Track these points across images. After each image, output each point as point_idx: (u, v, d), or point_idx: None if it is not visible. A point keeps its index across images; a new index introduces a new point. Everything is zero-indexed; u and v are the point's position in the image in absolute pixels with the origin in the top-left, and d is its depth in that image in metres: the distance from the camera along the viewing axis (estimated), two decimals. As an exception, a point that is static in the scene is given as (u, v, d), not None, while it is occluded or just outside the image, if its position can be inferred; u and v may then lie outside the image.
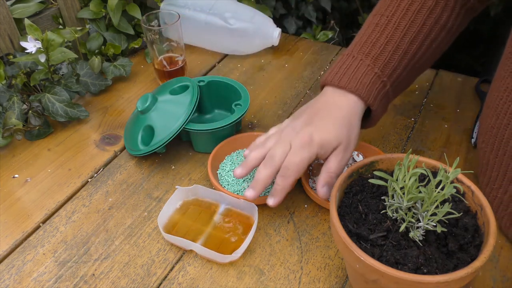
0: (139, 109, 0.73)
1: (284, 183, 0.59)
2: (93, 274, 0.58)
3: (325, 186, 0.60)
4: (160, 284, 0.57)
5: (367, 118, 0.66)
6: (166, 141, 0.69)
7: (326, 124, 0.60)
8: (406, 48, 0.63)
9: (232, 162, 0.70)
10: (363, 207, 0.51)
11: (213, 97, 0.81)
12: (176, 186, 0.65)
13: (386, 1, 0.65)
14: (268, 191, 0.66)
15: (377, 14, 0.65)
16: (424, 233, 0.47)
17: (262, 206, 0.65)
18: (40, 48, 0.76)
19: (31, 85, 0.81)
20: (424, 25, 0.63)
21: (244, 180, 0.67)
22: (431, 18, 0.63)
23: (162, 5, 0.99)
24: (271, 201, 0.60)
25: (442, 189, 0.45)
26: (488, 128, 0.60)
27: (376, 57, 0.62)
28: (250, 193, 0.60)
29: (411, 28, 0.63)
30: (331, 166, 0.60)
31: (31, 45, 0.76)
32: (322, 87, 0.65)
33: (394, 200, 0.48)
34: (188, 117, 0.70)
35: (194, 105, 0.71)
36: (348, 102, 0.61)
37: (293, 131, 0.60)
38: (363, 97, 0.61)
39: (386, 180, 0.48)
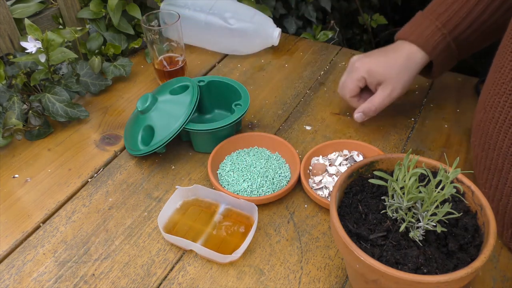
0: (139, 109, 0.73)
1: (349, 98, 0.76)
2: (93, 274, 0.58)
3: (360, 113, 0.73)
4: (160, 284, 0.57)
5: (432, 68, 0.73)
6: (166, 141, 0.69)
7: (382, 58, 0.71)
8: (473, 7, 0.67)
9: (232, 162, 0.70)
10: (363, 207, 0.51)
11: (213, 97, 0.81)
12: (176, 186, 0.65)
13: None
14: (268, 192, 0.66)
15: None
16: (424, 233, 0.47)
17: (262, 206, 0.65)
18: (40, 48, 0.76)
19: (31, 85, 0.81)
20: None
21: (244, 180, 0.67)
22: None
23: (162, 5, 0.99)
24: (357, 115, 0.75)
25: (442, 189, 0.45)
26: (477, 122, 0.61)
27: (440, 13, 0.69)
28: (357, 115, 0.75)
29: None
30: (375, 100, 0.71)
31: (31, 45, 0.76)
32: (395, 40, 0.75)
33: (394, 200, 0.48)
34: (188, 117, 0.70)
35: (194, 105, 0.71)
36: (408, 49, 0.70)
37: (355, 60, 0.74)
38: (422, 46, 0.69)
39: (386, 180, 0.48)
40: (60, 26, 0.93)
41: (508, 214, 0.57)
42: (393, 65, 0.70)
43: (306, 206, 0.66)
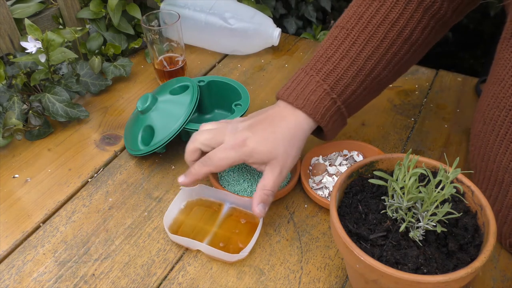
0: (139, 109, 0.73)
1: (198, 170, 0.60)
2: (93, 274, 0.58)
3: (260, 204, 0.58)
4: (160, 284, 0.57)
5: (323, 132, 0.64)
6: (166, 141, 0.69)
7: (265, 135, 0.59)
8: (363, 64, 0.60)
9: (232, 162, 0.70)
10: (363, 207, 0.51)
11: (213, 97, 0.81)
12: (180, 187, 0.65)
13: (349, 12, 0.62)
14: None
15: (338, 26, 0.63)
16: (424, 233, 0.47)
17: (262, 206, 0.65)
18: (40, 48, 0.76)
19: (31, 85, 0.81)
20: (384, 38, 0.59)
21: (244, 180, 0.67)
22: (392, 31, 0.59)
23: (162, 5, 0.99)
24: (180, 179, 0.61)
25: (442, 189, 0.45)
26: (476, 133, 0.61)
27: (327, 73, 0.60)
28: (181, 179, 0.62)
29: (370, 43, 0.59)
30: (266, 183, 0.58)
31: (31, 45, 0.76)
32: (277, 100, 0.64)
33: (394, 200, 0.48)
34: (188, 117, 0.70)
35: (194, 105, 0.71)
36: (295, 118, 0.60)
37: (233, 130, 0.60)
38: (310, 114, 0.60)
39: (386, 180, 0.48)
40: (60, 26, 0.93)
41: (507, 224, 0.57)
42: (279, 141, 0.58)
43: (306, 206, 0.66)
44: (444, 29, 0.64)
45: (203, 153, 0.62)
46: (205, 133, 0.61)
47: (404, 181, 0.46)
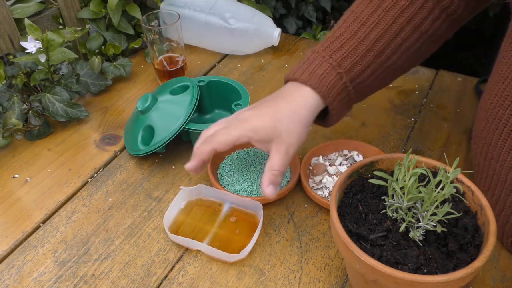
0: (139, 109, 0.73)
1: (202, 149, 0.58)
2: (93, 274, 0.58)
3: (270, 186, 0.56)
4: (160, 284, 0.57)
5: (327, 116, 0.63)
6: (166, 141, 0.69)
7: (268, 111, 0.58)
8: (371, 45, 0.59)
9: (232, 162, 0.70)
10: (363, 207, 0.51)
11: (213, 97, 0.81)
12: (180, 187, 0.65)
13: None
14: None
15: (349, 11, 0.63)
16: (424, 233, 0.47)
17: (262, 206, 0.65)
18: (40, 48, 0.76)
19: (31, 85, 0.81)
20: (393, 23, 0.59)
21: (244, 180, 0.67)
22: (402, 17, 0.59)
23: (162, 5, 0.99)
24: (186, 165, 0.59)
25: (442, 189, 0.45)
26: (479, 131, 0.61)
27: (334, 50, 0.59)
28: (187, 165, 0.60)
29: (379, 25, 0.59)
30: (273, 163, 0.56)
31: (31, 45, 0.76)
32: (285, 83, 0.63)
33: (394, 200, 0.48)
34: (188, 117, 0.70)
35: (194, 105, 0.71)
36: (301, 94, 0.58)
37: (235, 114, 0.60)
38: (315, 88, 0.58)
39: (386, 180, 0.48)
40: (60, 26, 0.93)
41: (510, 223, 0.57)
42: (282, 117, 0.57)
43: (306, 206, 0.66)
44: (455, 26, 0.64)
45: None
46: (214, 125, 0.61)
47: (404, 181, 0.46)
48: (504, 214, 0.57)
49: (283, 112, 0.57)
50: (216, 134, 0.58)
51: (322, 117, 0.63)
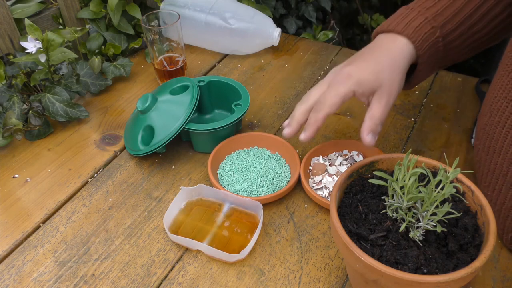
0: (139, 109, 0.73)
1: (315, 117, 0.59)
2: (93, 274, 0.58)
3: (370, 134, 0.58)
4: (160, 284, 0.57)
5: (411, 76, 0.64)
6: (166, 141, 0.69)
7: (367, 64, 0.59)
8: (462, 7, 0.61)
9: (232, 162, 0.70)
10: (363, 207, 0.51)
11: (213, 97, 0.81)
12: (181, 187, 0.65)
13: None
14: (268, 192, 0.66)
15: None
16: (424, 233, 0.47)
17: (262, 206, 0.65)
18: (40, 48, 0.76)
19: (31, 85, 0.81)
20: None
21: (244, 180, 0.67)
22: None
23: (162, 5, 0.99)
24: (302, 136, 0.60)
25: (442, 189, 0.45)
26: (482, 125, 0.61)
27: (429, 7, 0.61)
28: (286, 131, 0.62)
29: None
30: (374, 112, 0.58)
31: (31, 45, 0.76)
32: (374, 38, 0.65)
33: (394, 200, 0.48)
34: (188, 117, 0.70)
35: (194, 105, 0.71)
36: (396, 44, 0.60)
37: (333, 73, 0.61)
38: (410, 38, 0.60)
39: (386, 180, 0.48)
40: (60, 26, 0.93)
41: (510, 218, 0.57)
42: (383, 67, 0.58)
43: (306, 206, 0.66)
44: None
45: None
46: (314, 89, 0.61)
47: (404, 181, 0.46)
48: (505, 208, 0.57)
49: (383, 63, 0.59)
50: (324, 98, 0.58)
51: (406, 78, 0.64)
